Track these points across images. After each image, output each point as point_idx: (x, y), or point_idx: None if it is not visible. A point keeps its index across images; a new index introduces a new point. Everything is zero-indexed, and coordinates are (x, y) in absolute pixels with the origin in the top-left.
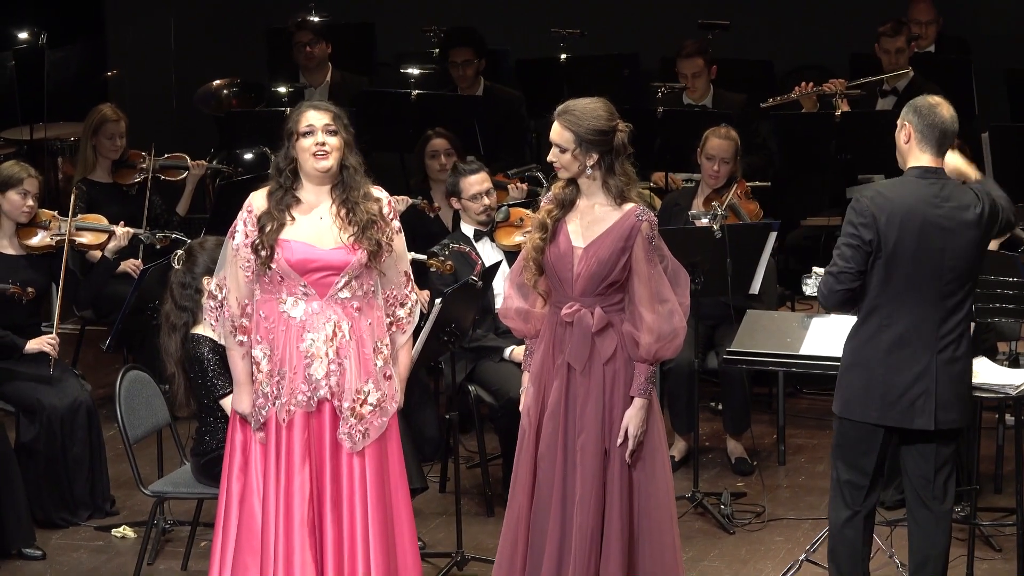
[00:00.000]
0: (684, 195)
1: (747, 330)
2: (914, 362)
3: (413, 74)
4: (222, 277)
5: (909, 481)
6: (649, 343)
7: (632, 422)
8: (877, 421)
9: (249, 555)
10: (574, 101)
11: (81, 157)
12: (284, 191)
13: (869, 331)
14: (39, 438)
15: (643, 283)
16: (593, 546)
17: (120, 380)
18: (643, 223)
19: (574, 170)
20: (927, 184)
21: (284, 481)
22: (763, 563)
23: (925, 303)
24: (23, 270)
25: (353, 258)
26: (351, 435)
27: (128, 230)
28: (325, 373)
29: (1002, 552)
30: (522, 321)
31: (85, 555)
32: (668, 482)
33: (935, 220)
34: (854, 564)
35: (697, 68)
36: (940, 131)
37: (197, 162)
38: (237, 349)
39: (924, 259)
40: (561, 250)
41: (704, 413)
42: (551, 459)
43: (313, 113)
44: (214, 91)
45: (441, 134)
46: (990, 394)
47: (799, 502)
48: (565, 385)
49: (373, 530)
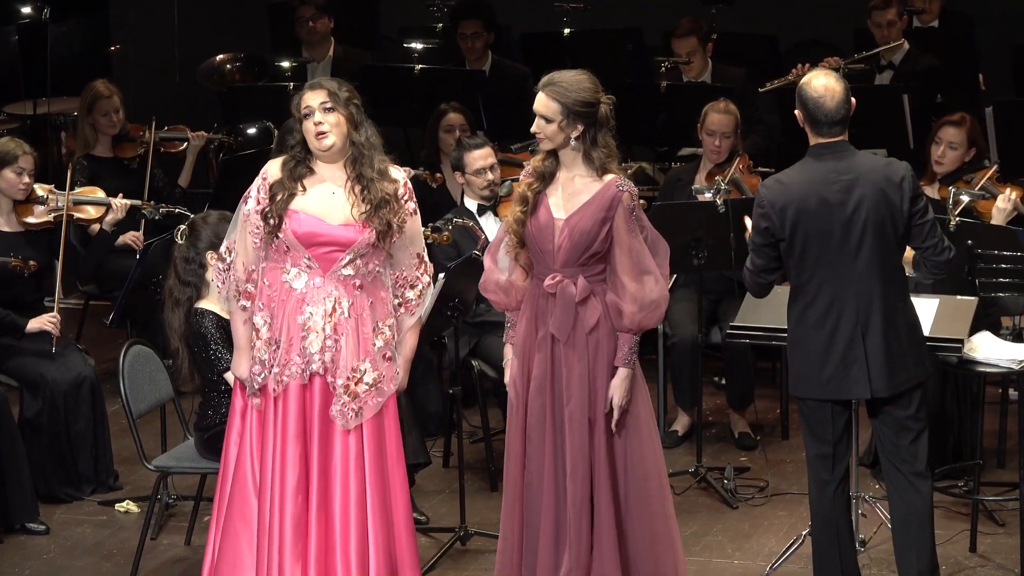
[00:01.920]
0: (687, 170)
1: (750, 305)
2: (840, 335)
3: (416, 49)
4: (232, 241)
5: (879, 445)
6: (633, 312)
7: (617, 392)
8: (820, 396)
9: (241, 522)
10: (559, 73)
11: (80, 135)
12: (297, 163)
13: (797, 311)
14: (42, 413)
15: (625, 253)
16: (585, 516)
17: (123, 355)
18: (624, 193)
19: (558, 141)
20: (822, 162)
21: (280, 449)
22: (766, 538)
23: (841, 277)
24: (22, 247)
25: (361, 237)
26: (343, 412)
27: (126, 202)
28: (320, 348)
29: (1005, 527)
30: (503, 294)
31: (89, 530)
32: (656, 451)
33: (832, 196)
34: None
35: (691, 47)
36: (826, 119)
37: (197, 133)
38: (240, 314)
39: (828, 235)
40: (542, 222)
41: (708, 388)
42: (540, 431)
43: (309, 94)
44: (217, 66)
45: (457, 108)
46: (993, 368)
47: (802, 477)
48: (550, 357)
49: (372, 503)
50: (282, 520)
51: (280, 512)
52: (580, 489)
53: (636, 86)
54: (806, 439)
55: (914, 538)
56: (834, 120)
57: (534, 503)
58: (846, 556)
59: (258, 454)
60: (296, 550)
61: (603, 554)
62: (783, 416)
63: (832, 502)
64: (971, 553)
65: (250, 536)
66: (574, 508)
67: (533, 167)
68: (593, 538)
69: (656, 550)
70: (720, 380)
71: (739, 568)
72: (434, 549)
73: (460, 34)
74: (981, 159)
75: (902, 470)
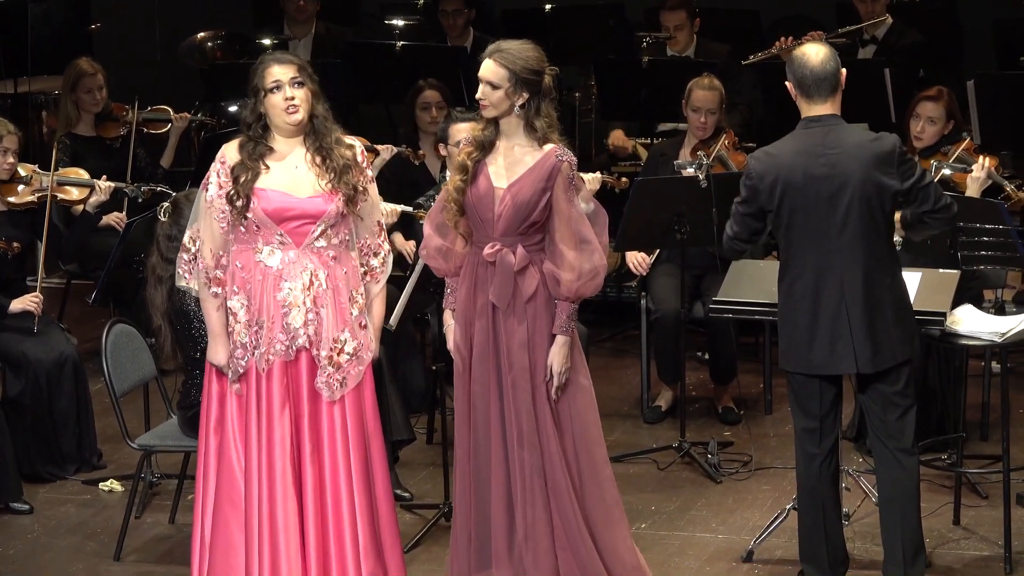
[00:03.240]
0: (671, 145)
1: (733, 279)
2: (826, 310)
3: (398, 25)
4: (195, 230)
5: (868, 420)
6: (570, 280)
7: (556, 359)
8: (806, 370)
9: (230, 507)
10: (505, 42)
11: (63, 113)
12: (255, 142)
13: (786, 285)
14: (25, 392)
15: (564, 222)
16: (539, 482)
17: (106, 334)
18: (563, 163)
19: (503, 109)
20: (810, 134)
21: (265, 430)
22: (750, 512)
23: (827, 251)
24: (5, 226)
25: (330, 206)
26: (329, 383)
27: (110, 184)
28: (303, 322)
29: (988, 499)
30: (443, 259)
31: (73, 509)
32: (598, 420)
33: (818, 170)
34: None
35: (680, 20)
36: (811, 80)
37: (180, 114)
38: (212, 301)
39: (814, 209)
40: (482, 191)
41: (691, 363)
42: (485, 399)
43: (277, 68)
44: (198, 44)
45: (433, 85)
46: (976, 342)
47: (786, 451)
48: (491, 325)
49: (356, 476)
50: (272, 500)
51: (270, 490)
52: (530, 456)
53: (618, 62)
54: (794, 413)
55: (899, 514)
56: (820, 77)
57: (483, 470)
58: (831, 529)
59: (241, 437)
60: (289, 524)
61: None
62: (766, 390)
63: (819, 476)
64: (955, 525)
65: (240, 520)
66: (525, 475)
67: (473, 136)
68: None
69: (610, 516)
70: (703, 355)
71: (723, 542)
72: (419, 525)
73: (442, 11)
74: (959, 131)
75: (889, 446)
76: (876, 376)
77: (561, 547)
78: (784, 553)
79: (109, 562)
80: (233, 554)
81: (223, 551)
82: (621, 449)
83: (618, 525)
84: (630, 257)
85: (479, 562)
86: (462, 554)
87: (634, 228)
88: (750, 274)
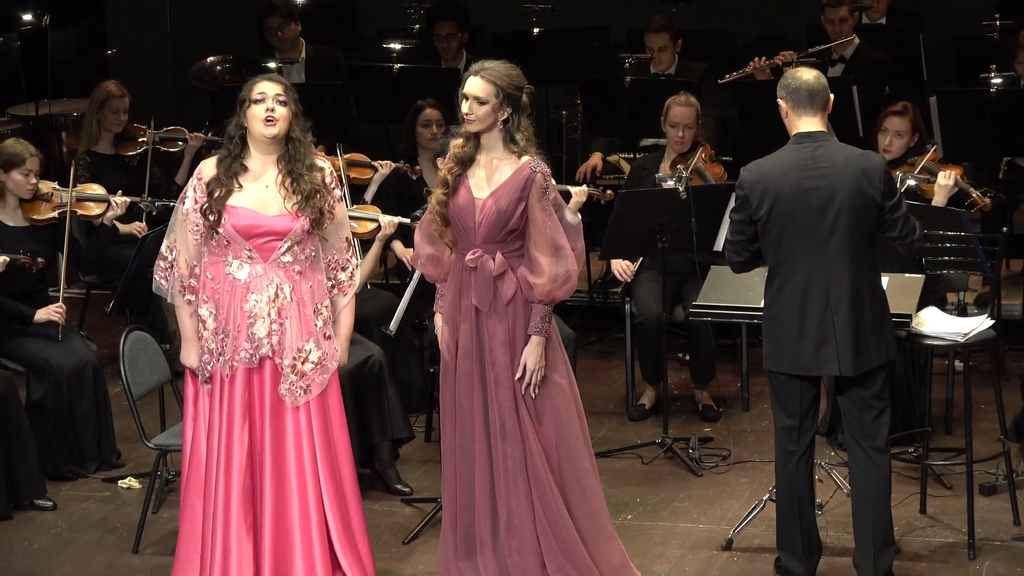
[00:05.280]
0: (651, 160)
1: (712, 285)
2: (812, 314)
3: (395, 49)
4: (172, 240)
5: (844, 420)
6: (542, 284)
7: (530, 358)
8: (791, 371)
9: (196, 498)
10: (489, 61)
11: (86, 130)
12: (233, 159)
13: (774, 289)
14: (48, 396)
15: (538, 230)
16: (520, 473)
17: (123, 340)
18: (537, 174)
19: (487, 124)
20: (800, 149)
21: (225, 432)
22: (729, 503)
23: (814, 259)
24: (28, 241)
25: (296, 224)
26: (292, 391)
27: (125, 199)
28: (267, 332)
29: (952, 489)
30: (433, 267)
31: (93, 505)
32: (580, 415)
33: (806, 183)
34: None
35: (663, 42)
36: (805, 92)
37: (194, 134)
38: (185, 308)
39: (803, 220)
40: (462, 203)
41: (672, 363)
42: (469, 395)
43: (266, 83)
44: (208, 67)
45: (433, 105)
46: (940, 341)
47: (762, 445)
48: (474, 326)
49: (323, 478)
50: (227, 495)
51: (226, 487)
52: (511, 449)
53: (602, 81)
54: (775, 411)
55: (871, 508)
56: (814, 91)
57: (467, 462)
58: (806, 520)
59: (207, 435)
60: (246, 522)
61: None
62: (743, 389)
63: (796, 471)
64: (921, 514)
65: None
66: (507, 467)
67: (453, 153)
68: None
69: (589, 504)
70: (684, 356)
71: (704, 532)
72: (418, 518)
73: (436, 34)
74: (924, 144)
75: (863, 445)
76: (855, 379)
77: (543, 532)
78: (762, 541)
79: (128, 555)
80: (198, 542)
81: (189, 539)
82: (607, 445)
83: (597, 513)
84: (615, 265)
85: (465, 550)
86: (449, 542)
87: (618, 237)
88: (728, 280)
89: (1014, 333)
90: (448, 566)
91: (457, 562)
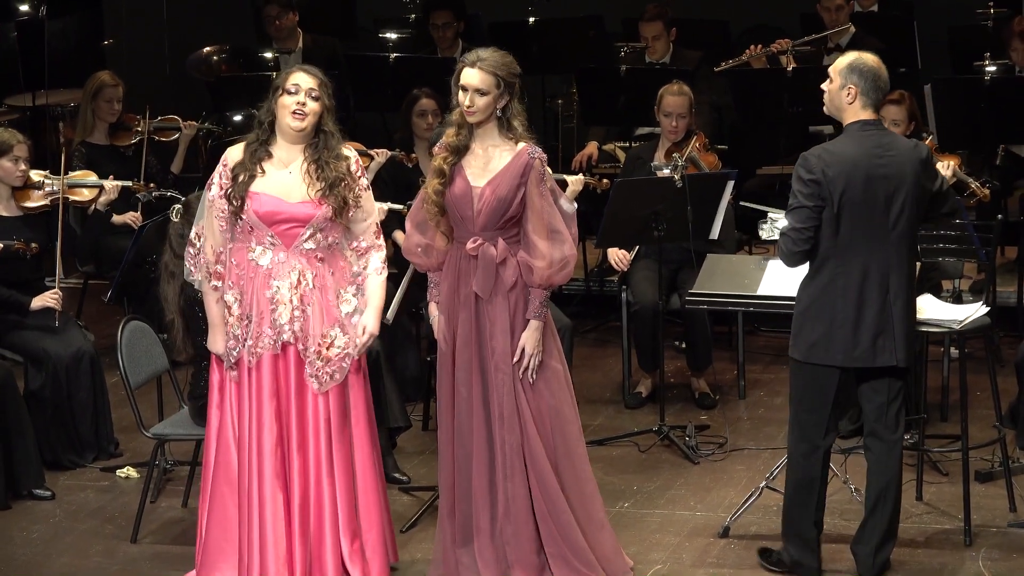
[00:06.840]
0: (646, 148)
1: (707, 273)
2: (871, 304)
3: (391, 38)
4: (200, 227)
5: (865, 414)
6: (542, 269)
7: (528, 342)
8: (842, 363)
9: (226, 485)
10: (483, 51)
11: (81, 120)
12: (259, 144)
13: (825, 279)
14: (46, 386)
15: (536, 215)
16: (518, 459)
17: (121, 330)
18: (535, 160)
19: (487, 113)
20: (867, 136)
21: (256, 418)
22: (726, 491)
23: (876, 249)
24: (22, 230)
25: (318, 212)
26: (318, 377)
27: (117, 184)
28: (289, 319)
29: (948, 476)
30: (424, 256)
31: (92, 494)
32: (573, 401)
33: (877, 170)
34: (810, 494)
35: (657, 31)
36: (883, 83)
37: (189, 123)
38: (212, 293)
39: (871, 207)
40: (459, 191)
41: (669, 352)
42: (468, 383)
43: (302, 75)
44: (205, 57)
45: (429, 94)
46: (936, 328)
47: (758, 433)
48: (474, 314)
49: (337, 464)
50: (260, 476)
51: (259, 469)
52: (510, 435)
53: (598, 70)
54: (803, 404)
55: (891, 501)
56: (887, 88)
57: (466, 450)
58: (820, 511)
59: (237, 420)
60: (276, 503)
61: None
62: (740, 376)
63: (819, 464)
64: (918, 501)
65: (234, 498)
66: (505, 453)
67: (447, 142)
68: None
69: (583, 489)
70: (680, 344)
71: (701, 519)
72: (415, 507)
73: (432, 24)
74: (920, 132)
75: (885, 437)
76: (889, 369)
77: (542, 518)
78: (758, 528)
79: (126, 544)
80: (229, 529)
81: (219, 526)
82: (604, 433)
83: (591, 498)
84: (611, 254)
85: (463, 536)
86: (447, 530)
87: (614, 226)
88: (723, 268)
89: (1009, 320)
90: (445, 554)
91: (455, 550)
